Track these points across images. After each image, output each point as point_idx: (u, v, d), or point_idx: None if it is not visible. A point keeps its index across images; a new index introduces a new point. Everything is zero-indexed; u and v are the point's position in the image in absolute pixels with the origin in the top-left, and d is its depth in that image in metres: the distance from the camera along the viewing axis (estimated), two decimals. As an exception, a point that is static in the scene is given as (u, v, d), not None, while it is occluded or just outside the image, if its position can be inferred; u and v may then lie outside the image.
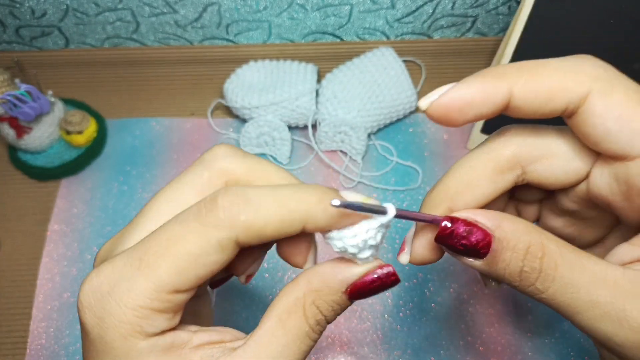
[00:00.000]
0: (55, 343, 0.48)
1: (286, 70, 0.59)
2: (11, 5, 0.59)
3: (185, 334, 0.20)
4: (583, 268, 0.20)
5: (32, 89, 0.51)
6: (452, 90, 0.21)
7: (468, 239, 0.21)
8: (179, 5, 0.61)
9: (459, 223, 0.21)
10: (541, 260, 0.20)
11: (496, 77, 0.21)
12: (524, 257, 0.20)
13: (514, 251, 0.20)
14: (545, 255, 0.20)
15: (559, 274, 0.20)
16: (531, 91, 0.20)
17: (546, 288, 0.20)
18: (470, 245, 0.21)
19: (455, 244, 0.21)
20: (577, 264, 0.20)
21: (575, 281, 0.19)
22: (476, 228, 0.21)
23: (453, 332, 0.49)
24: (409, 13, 0.64)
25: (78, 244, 0.53)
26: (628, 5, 0.46)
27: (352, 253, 0.21)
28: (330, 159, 0.58)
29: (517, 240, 0.20)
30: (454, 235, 0.21)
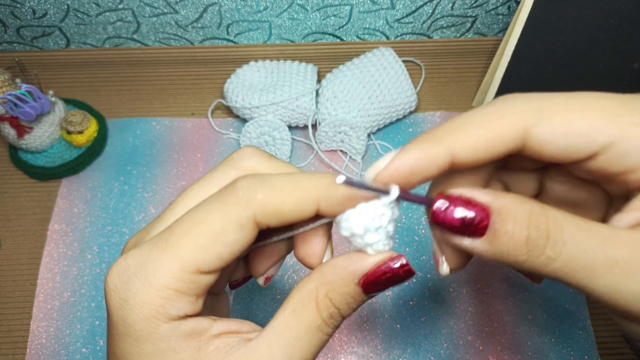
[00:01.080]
0: (56, 342, 0.48)
1: (286, 70, 0.59)
2: (12, 5, 0.60)
3: (206, 322, 0.21)
4: (592, 229, 0.18)
5: (33, 89, 0.52)
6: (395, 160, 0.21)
7: (465, 215, 0.20)
8: (180, 6, 0.61)
9: (455, 199, 0.20)
10: (547, 224, 0.19)
11: (433, 142, 0.21)
12: (528, 224, 0.19)
13: (515, 221, 0.19)
14: (549, 218, 0.19)
15: (568, 235, 0.18)
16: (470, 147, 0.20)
17: (558, 253, 0.18)
18: (469, 220, 0.20)
19: (453, 221, 0.20)
20: (585, 226, 0.19)
21: (589, 241, 0.18)
22: (473, 203, 0.20)
23: (453, 331, 0.49)
24: (409, 13, 0.64)
25: (79, 244, 0.53)
26: (627, 6, 0.46)
27: (359, 235, 0.21)
28: (330, 158, 0.58)
29: (517, 209, 0.19)
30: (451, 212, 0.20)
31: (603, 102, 0.20)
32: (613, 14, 0.47)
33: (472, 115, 0.21)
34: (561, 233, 0.18)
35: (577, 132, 0.19)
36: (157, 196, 0.56)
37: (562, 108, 0.20)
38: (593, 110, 0.20)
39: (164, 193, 0.56)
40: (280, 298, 0.50)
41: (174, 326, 0.20)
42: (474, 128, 0.20)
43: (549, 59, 0.51)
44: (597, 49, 0.49)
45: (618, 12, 0.47)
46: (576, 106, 0.20)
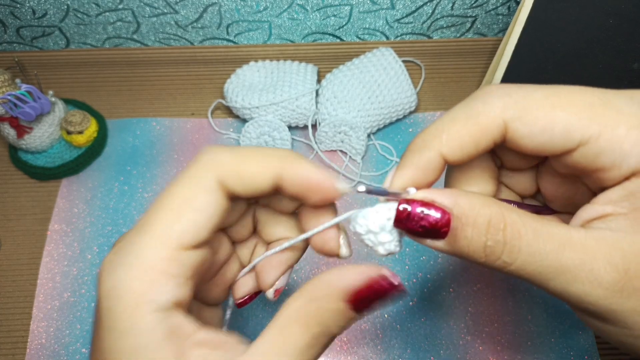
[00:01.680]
0: (56, 343, 0.48)
1: (286, 70, 0.59)
2: (12, 5, 0.60)
3: (191, 326, 0.20)
4: (548, 234, 0.19)
5: (33, 89, 0.52)
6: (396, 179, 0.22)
7: (426, 220, 0.20)
8: (180, 6, 0.61)
9: (416, 204, 0.21)
10: (504, 232, 0.19)
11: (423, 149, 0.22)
12: (487, 231, 0.20)
13: (474, 226, 0.20)
14: (507, 226, 0.19)
15: (524, 243, 0.19)
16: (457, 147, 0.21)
17: (514, 260, 0.20)
18: (430, 225, 0.20)
19: (414, 226, 0.21)
20: (542, 231, 0.19)
21: (542, 248, 0.19)
22: (434, 207, 0.20)
23: (453, 331, 0.49)
24: (409, 13, 0.64)
25: (78, 244, 0.53)
26: (627, 6, 0.46)
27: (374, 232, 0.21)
28: (330, 159, 0.58)
29: (477, 214, 0.20)
30: (412, 217, 0.21)
31: (582, 98, 0.20)
32: (613, 14, 0.47)
33: (456, 113, 0.21)
34: (518, 240, 0.19)
35: (554, 128, 0.20)
36: (157, 196, 0.56)
37: (541, 103, 0.20)
38: (571, 106, 0.20)
39: (164, 193, 0.56)
40: (280, 299, 0.50)
41: (158, 318, 0.19)
42: (458, 127, 0.21)
43: (549, 59, 0.51)
44: (597, 49, 0.49)
45: (618, 12, 0.47)
46: (555, 101, 0.20)
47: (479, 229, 0.20)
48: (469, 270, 0.51)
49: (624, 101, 0.20)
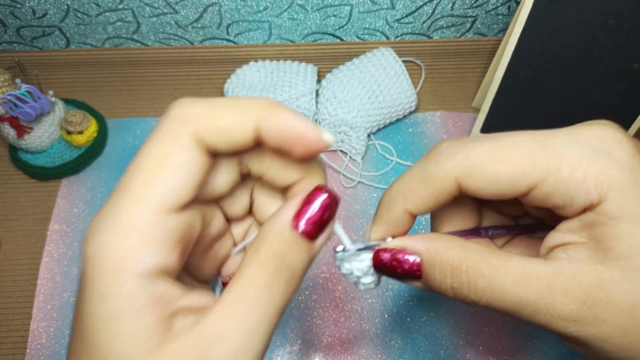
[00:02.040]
0: (56, 343, 0.48)
1: (286, 70, 0.59)
2: (12, 5, 0.60)
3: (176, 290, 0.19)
4: (507, 271, 0.21)
5: (33, 89, 0.52)
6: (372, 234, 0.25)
7: (401, 266, 0.23)
8: (180, 6, 0.61)
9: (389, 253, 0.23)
10: (467, 274, 0.22)
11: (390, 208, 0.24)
12: (450, 274, 0.22)
13: (440, 270, 0.22)
14: (469, 267, 0.22)
15: (486, 282, 0.21)
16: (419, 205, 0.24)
17: (479, 297, 0.21)
18: (403, 271, 0.23)
19: (392, 272, 0.23)
20: (502, 270, 0.21)
21: (502, 286, 0.21)
22: (406, 254, 0.23)
23: (453, 331, 0.49)
24: (409, 13, 0.64)
25: (79, 244, 0.53)
26: (627, 6, 0.46)
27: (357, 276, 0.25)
28: (330, 158, 0.58)
29: (441, 258, 0.22)
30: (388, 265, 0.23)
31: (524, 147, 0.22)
32: (613, 14, 0.47)
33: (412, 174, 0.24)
34: (479, 280, 0.21)
35: (499, 181, 0.22)
36: (157, 196, 0.56)
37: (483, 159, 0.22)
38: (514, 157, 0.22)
39: (164, 193, 0.56)
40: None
41: (141, 285, 0.17)
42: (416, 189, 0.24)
43: (549, 59, 0.51)
44: (597, 49, 0.49)
45: (618, 12, 0.47)
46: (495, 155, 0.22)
47: (444, 272, 0.22)
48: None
49: (564, 143, 0.21)
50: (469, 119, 0.61)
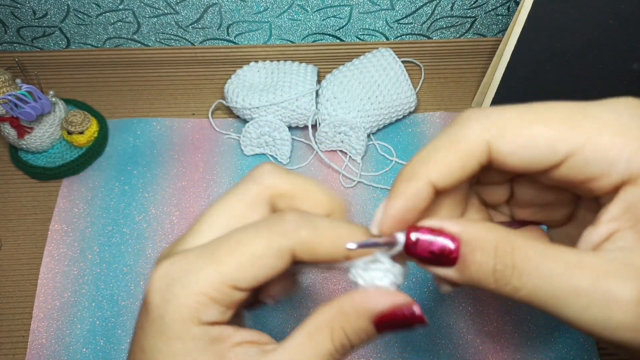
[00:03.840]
0: (56, 342, 0.48)
1: (286, 71, 0.59)
2: (12, 5, 0.60)
3: (230, 330, 0.22)
4: (557, 257, 0.19)
5: (33, 89, 0.52)
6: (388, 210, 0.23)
7: (436, 245, 0.21)
8: (180, 6, 0.61)
9: (424, 231, 0.21)
10: (512, 255, 0.19)
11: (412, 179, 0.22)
12: (495, 255, 0.20)
13: (483, 251, 0.20)
14: (515, 249, 0.19)
15: (533, 265, 0.19)
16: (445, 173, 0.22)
17: (524, 284, 0.19)
18: (439, 251, 0.21)
19: (423, 253, 0.21)
20: (550, 254, 0.19)
21: (552, 271, 0.19)
22: (442, 234, 0.21)
23: (453, 331, 0.49)
24: (409, 14, 0.64)
25: (79, 244, 0.53)
26: (627, 6, 0.47)
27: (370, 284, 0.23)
28: (330, 159, 0.58)
29: (484, 238, 0.20)
30: (420, 244, 0.21)
31: (562, 112, 0.20)
32: (613, 14, 0.47)
33: (439, 140, 0.22)
34: (526, 263, 0.19)
35: (537, 143, 0.20)
36: (158, 196, 0.56)
37: (522, 120, 0.21)
38: (552, 120, 0.20)
39: (165, 193, 0.56)
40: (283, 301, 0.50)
41: (204, 329, 0.21)
42: (443, 154, 0.22)
43: (548, 59, 0.51)
44: (597, 49, 0.49)
45: (618, 12, 0.47)
46: (535, 117, 0.21)
47: (487, 253, 0.20)
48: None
49: (602, 110, 0.20)
50: (469, 119, 0.61)
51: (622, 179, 0.19)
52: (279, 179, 0.24)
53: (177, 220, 0.55)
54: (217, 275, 0.21)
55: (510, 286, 0.19)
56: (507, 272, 0.19)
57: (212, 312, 0.21)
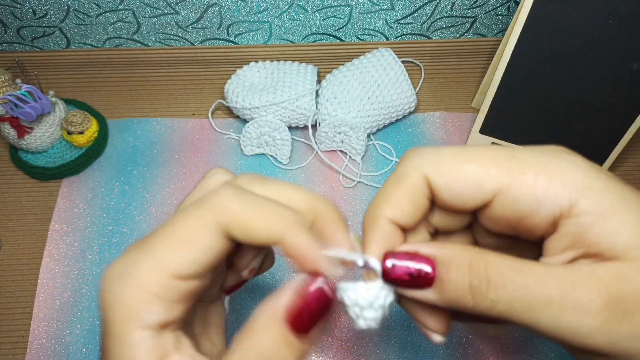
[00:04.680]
0: (56, 342, 0.48)
1: (286, 71, 0.59)
2: (12, 5, 0.60)
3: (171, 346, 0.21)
4: (527, 270, 0.20)
5: (33, 89, 0.52)
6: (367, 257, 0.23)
7: (413, 268, 0.21)
8: (180, 6, 0.61)
9: (401, 255, 0.22)
10: (486, 270, 0.20)
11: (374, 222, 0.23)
12: (470, 271, 0.20)
13: (458, 268, 0.21)
14: (488, 264, 0.20)
15: (507, 277, 0.20)
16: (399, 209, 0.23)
17: (500, 296, 0.20)
18: (417, 273, 0.21)
19: (402, 275, 0.21)
20: (521, 267, 0.20)
21: (525, 282, 0.19)
22: (418, 257, 0.21)
23: (453, 331, 0.49)
24: (409, 14, 0.64)
25: (79, 244, 0.53)
26: (627, 6, 0.47)
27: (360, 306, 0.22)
28: (330, 159, 0.58)
29: (459, 257, 0.21)
30: (399, 268, 0.22)
31: (491, 154, 0.22)
32: (613, 14, 0.47)
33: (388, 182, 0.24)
34: (500, 277, 0.20)
35: (467, 180, 0.22)
36: (158, 196, 0.56)
37: (454, 158, 0.22)
38: (480, 160, 0.22)
39: (165, 193, 0.56)
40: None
41: (146, 335, 0.20)
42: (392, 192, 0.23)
43: (548, 59, 0.51)
44: (596, 49, 0.49)
45: (618, 12, 0.47)
46: (466, 157, 0.22)
47: (462, 270, 0.20)
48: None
49: (527, 153, 0.22)
50: (469, 119, 0.61)
51: (552, 216, 0.20)
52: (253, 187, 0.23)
53: (177, 220, 0.54)
54: (155, 266, 0.20)
55: (487, 300, 0.20)
56: (483, 286, 0.20)
57: (155, 309, 0.20)
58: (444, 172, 0.22)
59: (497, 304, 0.20)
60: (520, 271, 0.20)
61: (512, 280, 0.20)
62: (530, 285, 0.19)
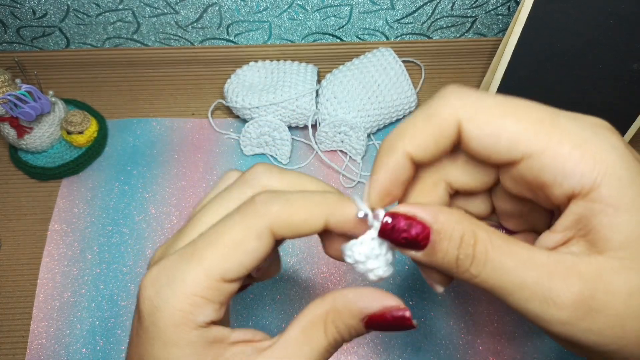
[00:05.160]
0: (56, 343, 0.48)
1: (286, 70, 0.59)
2: (12, 5, 0.60)
3: (226, 331, 0.23)
4: (511, 253, 0.21)
5: (33, 89, 0.52)
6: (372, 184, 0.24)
7: (409, 233, 0.22)
8: (180, 6, 0.61)
9: (399, 218, 0.22)
10: (474, 247, 0.21)
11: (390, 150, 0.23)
12: (459, 246, 0.21)
13: (450, 241, 0.22)
14: (477, 242, 0.21)
15: (489, 258, 0.21)
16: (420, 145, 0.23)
17: (479, 272, 0.21)
18: (411, 238, 0.22)
19: (397, 238, 0.22)
20: (506, 250, 0.21)
21: (504, 265, 0.21)
22: (415, 222, 0.22)
23: (453, 331, 0.49)
24: (409, 14, 0.64)
25: (79, 244, 0.53)
26: (627, 6, 0.46)
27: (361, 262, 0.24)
28: (330, 159, 0.58)
29: (452, 230, 0.22)
30: (396, 230, 0.22)
31: (534, 114, 0.21)
32: (613, 14, 0.47)
33: (417, 113, 0.23)
34: (484, 255, 0.21)
35: (501, 135, 0.21)
36: (158, 196, 0.56)
37: (493, 109, 0.22)
38: (521, 118, 0.21)
39: (164, 193, 0.56)
40: (280, 299, 0.50)
41: (200, 333, 0.22)
42: (418, 126, 0.23)
43: (548, 59, 0.51)
44: (597, 49, 0.49)
45: (618, 12, 0.47)
46: (506, 110, 0.21)
47: (453, 243, 0.22)
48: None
49: (570, 122, 0.21)
50: (469, 119, 0.61)
51: (572, 191, 0.20)
52: (273, 179, 0.24)
53: (177, 221, 0.54)
54: (203, 272, 0.21)
55: (467, 273, 0.22)
56: (467, 261, 0.21)
57: (207, 311, 0.22)
58: (481, 123, 0.21)
59: (475, 277, 0.21)
60: (503, 253, 0.21)
61: (493, 260, 0.21)
62: (510, 268, 0.21)
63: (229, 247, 0.22)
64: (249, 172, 0.25)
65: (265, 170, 0.25)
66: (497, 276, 0.21)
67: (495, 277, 0.21)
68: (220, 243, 0.22)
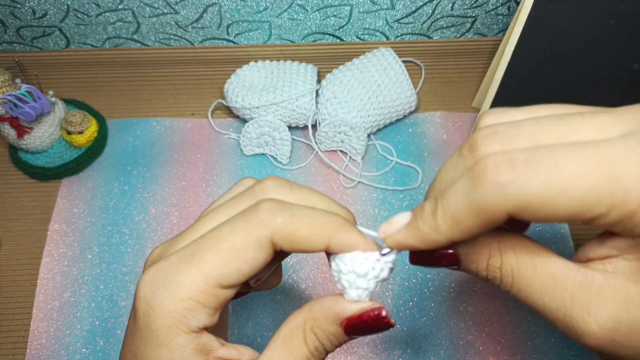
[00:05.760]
0: (56, 343, 0.48)
1: (286, 70, 0.59)
2: (12, 5, 0.60)
3: (215, 343, 0.23)
4: (536, 275, 0.22)
5: (33, 89, 0.52)
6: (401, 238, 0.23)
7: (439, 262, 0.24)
8: (180, 6, 0.61)
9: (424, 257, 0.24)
10: (500, 270, 0.23)
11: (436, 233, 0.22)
12: (486, 268, 0.23)
13: (477, 264, 0.23)
14: (503, 265, 0.22)
15: (515, 281, 0.22)
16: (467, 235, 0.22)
17: (508, 290, 0.23)
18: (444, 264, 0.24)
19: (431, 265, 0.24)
20: (532, 272, 0.22)
21: (530, 287, 0.22)
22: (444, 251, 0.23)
23: (453, 331, 0.49)
24: (409, 14, 0.64)
25: (79, 244, 0.53)
26: (627, 6, 0.46)
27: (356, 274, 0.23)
28: (330, 159, 0.58)
29: (479, 254, 0.23)
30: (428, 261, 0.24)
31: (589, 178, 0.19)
32: (613, 14, 0.47)
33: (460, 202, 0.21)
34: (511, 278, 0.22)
35: (562, 214, 0.19)
36: (157, 196, 0.56)
37: (546, 194, 0.19)
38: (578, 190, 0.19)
39: (164, 193, 0.56)
40: (280, 299, 0.50)
41: (190, 338, 0.22)
42: (465, 221, 0.21)
43: (549, 59, 0.51)
44: (597, 49, 0.49)
45: (618, 12, 0.47)
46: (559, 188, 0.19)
47: (480, 266, 0.23)
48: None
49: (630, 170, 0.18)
50: (469, 119, 0.61)
51: None
52: (282, 194, 0.24)
53: (176, 221, 0.54)
54: (201, 276, 0.21)
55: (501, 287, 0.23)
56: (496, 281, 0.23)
57: (200, 316, 0.22)
58: (534, 212, 0.19)
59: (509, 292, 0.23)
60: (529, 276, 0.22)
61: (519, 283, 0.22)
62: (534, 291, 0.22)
63: (228, 253, 0.22)
64: (259, 186, 0.25)
65: (275, 186, 0.24)
66: (524, 296, 0.22)
67: (522, 297, 0.22)
68: (220, 248, 0.22)
